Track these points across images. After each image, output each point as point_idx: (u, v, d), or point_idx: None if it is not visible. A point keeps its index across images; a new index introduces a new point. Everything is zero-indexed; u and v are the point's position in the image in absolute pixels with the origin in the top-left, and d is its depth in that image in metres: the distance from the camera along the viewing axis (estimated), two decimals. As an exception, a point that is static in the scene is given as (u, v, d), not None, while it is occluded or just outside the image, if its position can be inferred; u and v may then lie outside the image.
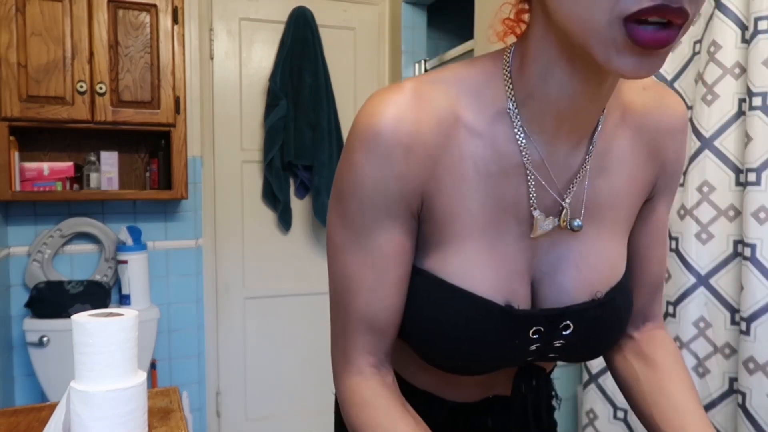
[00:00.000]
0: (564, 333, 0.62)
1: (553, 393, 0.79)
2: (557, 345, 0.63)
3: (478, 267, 0.59)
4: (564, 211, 0.60)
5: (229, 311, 2.54)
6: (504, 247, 0.60)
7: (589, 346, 0.66)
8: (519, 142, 0.58)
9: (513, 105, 0.57)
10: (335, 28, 2.63)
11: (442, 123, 0.57)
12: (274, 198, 2.52)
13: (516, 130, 0.58)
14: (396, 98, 0.57)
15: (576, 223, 0.61)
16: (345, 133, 2.60)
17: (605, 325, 0.64)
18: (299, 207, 2.61)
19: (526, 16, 0.59)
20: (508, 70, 0.58)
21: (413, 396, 0.71)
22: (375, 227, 0.59)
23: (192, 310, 2.34)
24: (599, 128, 0.60)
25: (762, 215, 1.28)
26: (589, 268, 0.63)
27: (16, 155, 1.95)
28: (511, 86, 0.58)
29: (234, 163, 2.52)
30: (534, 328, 0.61)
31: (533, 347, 0.62)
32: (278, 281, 2.60)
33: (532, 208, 0.59)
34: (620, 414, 1.65)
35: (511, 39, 0.63)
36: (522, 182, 0.59)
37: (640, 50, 0.45)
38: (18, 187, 1.96)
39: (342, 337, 0.64)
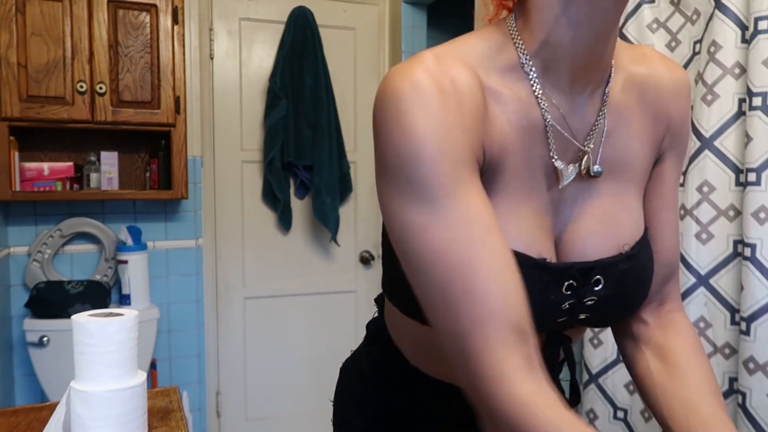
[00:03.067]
0: (595, 288, 0.61)
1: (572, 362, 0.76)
2: (588, 303, 0.62)
3: (514, 222, 0.58)
4: (585, 158, 0.61)
5: (229, 311, 2.54)
6: (534, 201, 0.60)
7: (619, 302, 0.64)
8: (536, 93, 0.58)
9: (526, 58, 0.58)
10: (335, 28, 2.63)
11: (474, 83, 0.56)
12: (274, 198, 2.52)
13: (532, 82, 0.58)
14: (422, 63, 0.54)
15: (596, 169, 0.61)
16: (345, 133, 2.60)
17: (633, 279, 0.64)
18: (299, 207, 2.61)
19: None
20: (514, 30, 0.59)
21: (430, 387, 0.72)
22: (457, 184, 0.52)
23: (192, 310, 2.35)
24: (610, 81, 0.62)
25: (762, 215, 1.28)
26: (612, 222, 0.63)
27: (16, 155, 1.95)
28: (521, 41, 0.58)
29: (234, 163, 2.52)
30: (567, 282, 0.60)
31: (566, 305, 0.61)
32: (278, 281, 2.60)
33: (553, 160, 0.59)
34: (620, 414, 1.65)
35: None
36: (545, 134, 0.59)
37: None
38: (18, 187, 1.96)
39: (472, 336, 0.51)
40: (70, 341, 0.76)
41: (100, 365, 0.74)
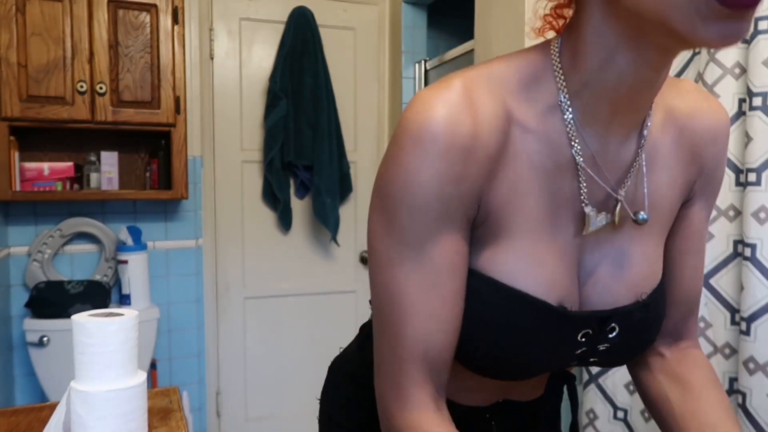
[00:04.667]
0: (609, 336, 0.61)
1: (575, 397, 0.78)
2: (601, 349, 0.62)
3: (532, 266, 0.57)
4: (618, 206, 0.59)
5: (229, 311, 2.54)
6: (557, 244, 0.58)
7: (630, 348, 0.64)
8: (570, 134, 0.56)
9: (565, 97, 0.55)
10: (335, 28, 2.62)
11: (498, 121, 0.54)
12: (274, 198, 2.52)
13: (567, 123, 0.56)
14: (447, 97, 0.53)
15: (641, 216, 0.59)
16: (345, 133, 2.60)
17: (647, 327, 0.63)
18: (299, 207, 2.61)
19: (566, 12, 0.58)
20: (558, 62, 0.56)
21: None
22: (429, 237, 0.54)
23: (192, 310, 2.34)
24: (649, 122, 0.59)
25: (762, 215, 1.28)
26: (633, 268, 0.62)
27: (16, 155, 1.95)
28: (562, 78, 0.55)
29: (234, 163, 2.52)
30: (584, 330, 0.60)
31: (579, 351, 0.61)
32: (278, 281, 2.60)
33: (583, 204, 0.58)
34: (620, 414, 1.65)
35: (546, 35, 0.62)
36: (575, 177, 0.57)
37: (728, 14, 0.42)
38: (18, 187, 1.96)
39: (393, 365, 0.57)
40: (70, 341, 0.76)
41: (100, 365, 0.74)
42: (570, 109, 0.55)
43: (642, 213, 0.59)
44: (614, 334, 0.61)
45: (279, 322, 2.61)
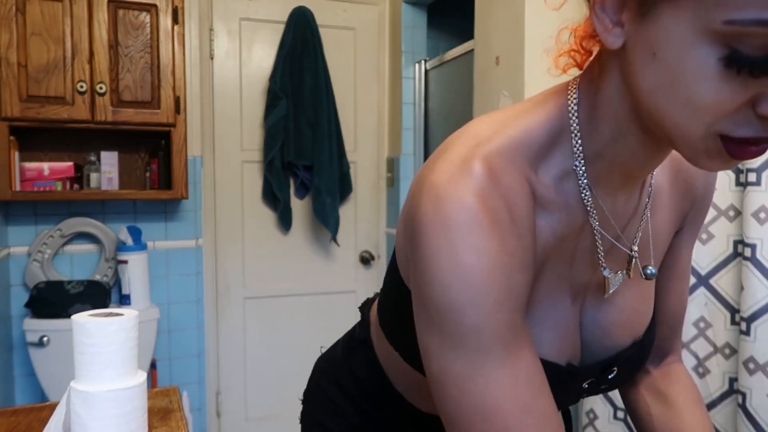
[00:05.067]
0: (609, 377, 0.63)
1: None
2: (602, 388, 0.64)
3: (547, 331, 0.56)
4: (633, 262, 0.59)
5: (229, 311, 2.54)
6: (564, 304, 0.58)
7: (623, 382, 0.66)
8: (585, 201, 0.54)
9: (581, 163, 0.53)
10: (335, 28, 2.62)
11: (527, 198, 0.50)
12: (274, 198, 2.52)
13: (582, 188, 0.53)
14: (473, 183, 0.47)
15: (650, 272, 0.60)
16: (345, 133, 2.60)
17: (640, 363, 0.65)
18: (299, 207, 2.61)
19: (591, 45, 0.55)
20: (576, 122, 0.52)
21: (413, 416, 0.72)
22: (512, 335, 0.47)
23: (192, 310, 2.34)
24: (652, 180, 0.61)
25: (762, 215, 1.28)
26: (631, 312, 0.63)
27: (16, 155, 1.95)
28: (579, 143, 0.52)
29: (234, 163, 2.52)
30: (588, 380, 0.61)
31: (584, 394, 0.64)
32: (278, 281, 2.60)
33: (602, 270, 0.58)
34: (620, 414, 1.65)
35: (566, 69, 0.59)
36: (587, 238, 0.56)
37: (731, 158, 0.44)
38: (18, 187, 1.96)
39: None
40: (70, 341, 0.76)
41: (100, 365, 0.74)
42: (585, 176, 0.53)
43: (650, 268, 0.60)
44: (613, 375, 0.63)
45: (279, 322, 2.61)
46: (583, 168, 0.53)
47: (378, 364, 0.74)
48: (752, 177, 1.29)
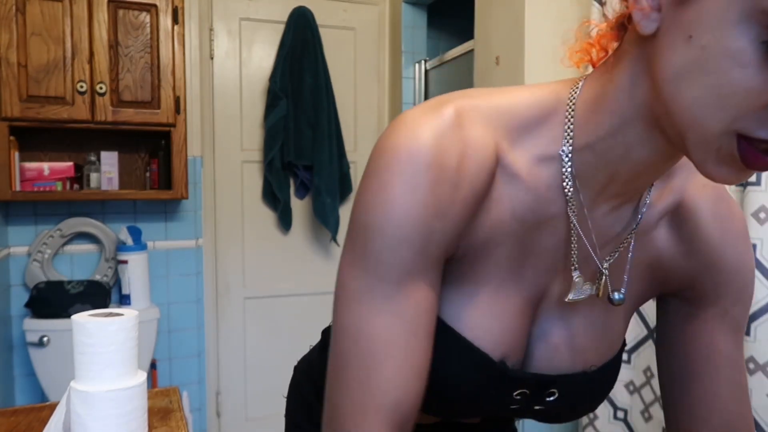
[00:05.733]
0: (547, 399, 0.59)
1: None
2: (536, 408, 0.60)
3: (486, 317, 0.54)
4: (603, 279, 0.55)
5: (229, 311, 2.54)
6: (515, 300, 0.55)
7: (565, 413, 0.62)
8: (566, 191, 0.51)
9: (568, 149, 0.51)
10: (335, 28, 2.62)
11: (486, 161, 0.49)
12: (274, 198, 2.52)
13: (564, 177, 0.51)
14: (436, 123, 0.48)
15: (617, 297, 0.56)
16: (345, 133, 2.60)
17: (588, 397, 0.61)
18: (299, 207, 2.61)
19: (610, 44, 0.52)
20: (572, 109, 0.51)
21: None
22: (408, 273, 0.48)
23: (192, 310, 2.34)
24: (647, 201, 0.56)
25: (762, 215, 1.28)
26: (588, 340, 0.59)
27: (16, 155, 1.95)
28: (571, 128, 0.51)
29: (234, 163, 2.52)
30: (520, 390, 0.58)
31: (513, 407, 0.60)
32: (278, 281, 2.60)
33: (572, 268, 0.54)
34: (620, 414, 1.65)
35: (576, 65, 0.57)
36: (555, 234, 0.53)
37: (741, 166, 0.42)
38: (18, 187, 1.96)
39: (354, 417, 0.49)
40: (70, 341, 0.76)
41: (100, 365, 0.74)
42: (570, 163, 0.51)
43: (618, 293, 0.56)
44: (553, 398, 0.59)
45: (279, 322, 2.61)
46: (570, 156, 0.51)
47: None
48: (752, 177, 1.29)
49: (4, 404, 1.96)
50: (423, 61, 2.58)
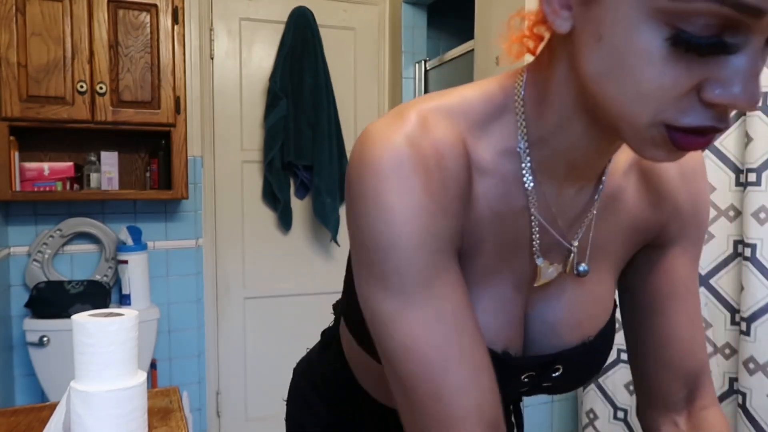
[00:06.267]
0: (553, 375, 0.61)
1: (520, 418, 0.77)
2: (545, 386, 0.63)
3: (482, 314, 0.55)
4: (571, 257, 0.57)
5: (229, 311, 2.54)
6: (506, 291, 0.57)
7: (572, 383, 0.65)
8: (526, 184, 0.53)
9: (524, 144, 0.52)
10: (335, 28, 2.62)
11: (461, 157, 0.50)
12: (274, 198, 2.52)
13: (524, 171, 0.52)
14: (405, 131, 0.48)
15: (582, 268, 0.57)
16: (345, 132, 2.60)
17: (592, 365, 0.64)
18: (299, 207, 2.61)
19: (542, 30, 0.53)
20: (521, 105, 0.52)
21: (377, 411, 0.71)
22: (434, 276, 0.48)
23: (192, 310, 2.34)
24: (607, 171, 0.57)
25: (762, 215, 1.28)
26: (581, 312, 0.60)
27: (16, 155, 1.95)
28: (524, 124, 0.52)
29: (234, 163, 2.52)
30: (527, 373, 0.59)
31: (523, 389, 0.62)
32: (278, 281, 2.60)
33: (535, 256, 0.56)
34: (620, 414, 1.65)
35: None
36: (526, 225, 0.55)
37: (679, 150, 0.43)
38: (18, 187, 1.96)
39: (442, 430, 0.48)
40: (70, 341, 0.76)
41: (100, 365, 0.74)
42: (528, 158, 0.52)
43: (583, 264, 0.57)
44: (558, 373, 0.61)
45: (279, 322, 2.61)
46: (527, 150, 0.52)
47: (345, 361, 0.75)
48: (752, 177, 1.29)
49: (4, 404, 1.96)
50: (423, 61, 2.58)
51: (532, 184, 0.53)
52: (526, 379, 0.60)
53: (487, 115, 0.52)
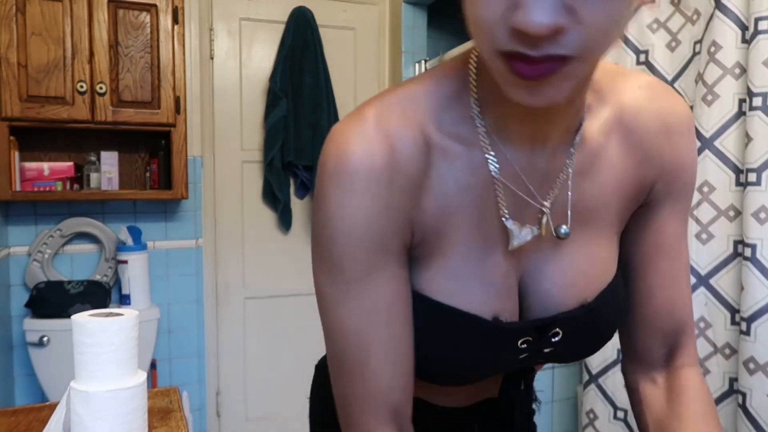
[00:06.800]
0: (553, 340, 0.60)
1: (534, 396, 0.77)
2: (547, 351, 0.62)
3: (465, 283, 0.57)
4: (545, 219, 0.57)
5: (229, 311, 2.54)
6: (491, 259, 0.57)
7: (580, 348, 0.64)
8: (483, 147, 0.55)
9: (477, 110, 0.55)
10: (335, 28, 2.62)
11: (416, 146, 0.53)
12: (274, 198, 2.52)
13: (481, 136, 0.55)
14: (361, 129, 0.53)
15: (563, 231, 0.57)
16: (345, 133, 2.60)
17: (595, 329, 0.62)
18: (299, 207, 2.61)
19: None
20: (474, 74, 0.55)
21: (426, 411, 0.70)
22: (370, 271, 0.54)
23: (192, 310, 2.34)
24: (580, 131, 0.57)
25: (762, 215, 1.28)
26: (576, 274, 0.60)
27: (16, 155, 1.95)
28: (475, 91, 0.55)
29: (234, 163, 2.52)
30: (522, 339, 0.59)
31: (523, 356, 0.61)
32: (278, 281, 2.60)
33: (503, 219, 0.56)
34: (620, 414, 1.65)
35: None
36: (493, 191, 0.56)
37: (525, 83, 0.44)
38: (18, 187, 1.96)
39: (356, 406, 0.57)
40: (70, 341, 0.76)
41: (100, 365, 0.74)
42: (483, 122, 0.54)
43: (564, 227, 0.57)
44: (558, 338, 0.60)
45: (279, 322, 2.61)
46: (480, 115, 0.54)
47: None
48: (752, 177, 1.29)
49: (4, 404, 1.96)
50: (423, 61, 2.58)
51: (488, 147, 0.55)
52: (524, 345, 0.59)
53: (448, 93, 0.55)
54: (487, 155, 0.55)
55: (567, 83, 0.45)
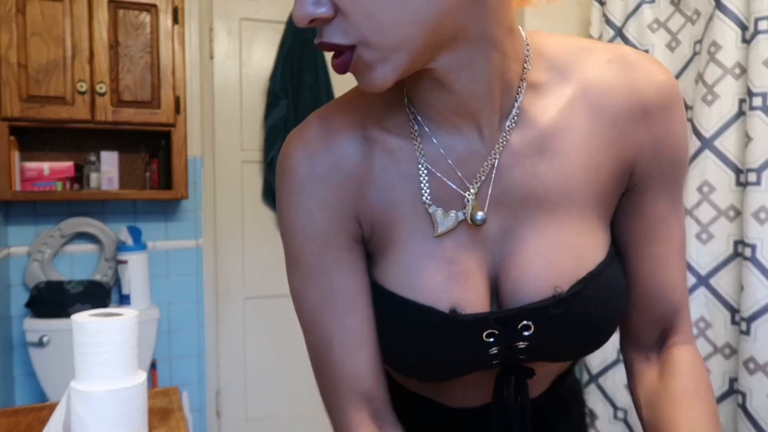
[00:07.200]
0: (525, 334, 0.56)
1: (583, 404, 0.74)
2: (521, 347, 0.57)
3: (419, 273, 0.56)
4: (469, 205, 0.55)
5: (229, 311, 2.54)
6: (445, 247, 0.56)
7: (562, 344, 0.59)
8: (413, 133, 0.56)
9: (407, 99, 0.57)
10: (335, 28, 2.62)
11: (355, 144, 0.57)
12: (274, 198, 2.52)
13: (411, 122, 0.57)
14: (302, 134, 0.58)
15: (478, 217, 0.55)
16: (345, 133, 2.60)
17: (574, 321, 0.57)
18: (299, 207, 2.61)
19: None
20: None
21: (405, 399, 0.69)
22: (323, 263, 0.58)
23: (192, 310, 2.34)
24: (513, 113, 0.55)
25: (762, 215, 1.28)
26: (545, 261, 0.56)
27: (16, 155, 1.95)
28: (405, 84, 0.57)
29: (234, 163, 2.52)
30: (487, 331, 0.56)
31: (493, 350, 0.57)
32: (278, 281, 2.60)
33: (426, 206, 0.56)
34: (620, 414, 1.65)
35: None
36: (437, 178, 0.56)
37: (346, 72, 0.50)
38: (18, 187, 1.96)
39: (329, 391, 0.60)
40: (70, 341, 0.76)
41: (100, 365, 0.74)
42: (413, 108, 0.57)
43: (480, 213, 0.55)
44: (530, 332, 0.56)
45: (279, 322, 2.61)
46: (409, 106, 0.57)
47: None
48: (752, 177, 1.29)
49: (4, 404, 1.96)
50: (423, 61, 2.58)
51: (418, 137, 0.56)
52: (491, 339, 0.56)
53: (385, 94, 0.58)
54: (414, 139, 0.56)
55: (372, 70, 0.49)
